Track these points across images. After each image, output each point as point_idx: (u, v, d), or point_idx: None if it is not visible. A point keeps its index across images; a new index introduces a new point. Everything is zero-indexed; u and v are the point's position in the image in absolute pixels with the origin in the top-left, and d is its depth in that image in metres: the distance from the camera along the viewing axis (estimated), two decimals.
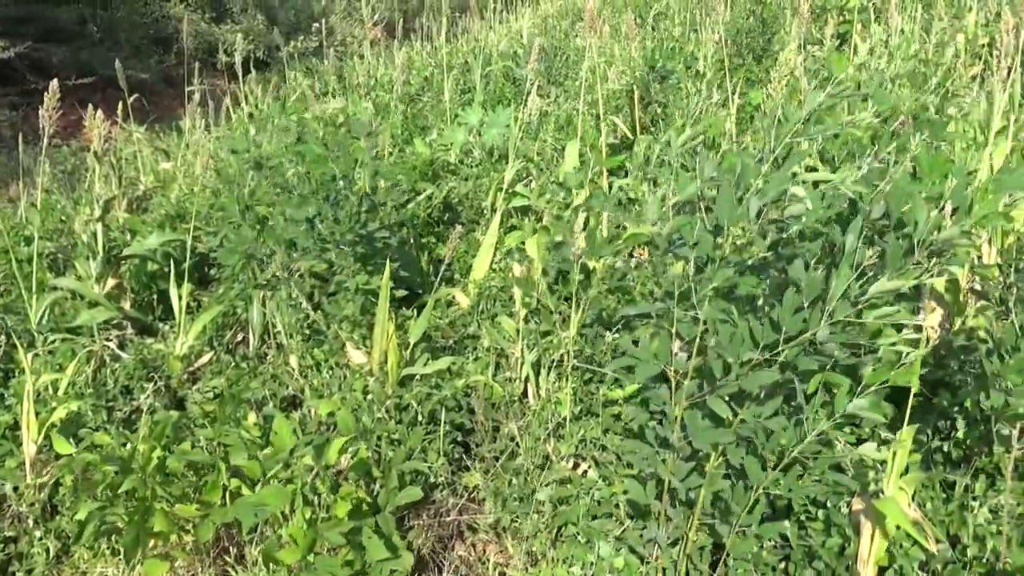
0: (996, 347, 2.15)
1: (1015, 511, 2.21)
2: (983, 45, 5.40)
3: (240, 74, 5.39)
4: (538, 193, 3.82)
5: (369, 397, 2.81)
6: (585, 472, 2.65)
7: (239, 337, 3.47)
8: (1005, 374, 2.08)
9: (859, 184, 1.91)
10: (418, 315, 3.12)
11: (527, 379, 2.91)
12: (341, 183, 3.24)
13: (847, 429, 2.45)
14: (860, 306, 1.73)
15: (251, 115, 5.14)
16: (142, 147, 5.06)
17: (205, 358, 3.22)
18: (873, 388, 1.75)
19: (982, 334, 2.49)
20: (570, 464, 2.69)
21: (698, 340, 1.89)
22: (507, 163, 4.05)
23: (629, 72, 5.49)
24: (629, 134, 4.79)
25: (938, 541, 2.19)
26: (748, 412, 1.92)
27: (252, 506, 2.19)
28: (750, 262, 1.85)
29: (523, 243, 3.44)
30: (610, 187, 3.97)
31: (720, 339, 1.84)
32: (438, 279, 3.23)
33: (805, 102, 1.98)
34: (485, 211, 4.10)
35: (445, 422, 2.77)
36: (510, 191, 3.91)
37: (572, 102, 5.50)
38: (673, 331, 1.92)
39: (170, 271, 3.37)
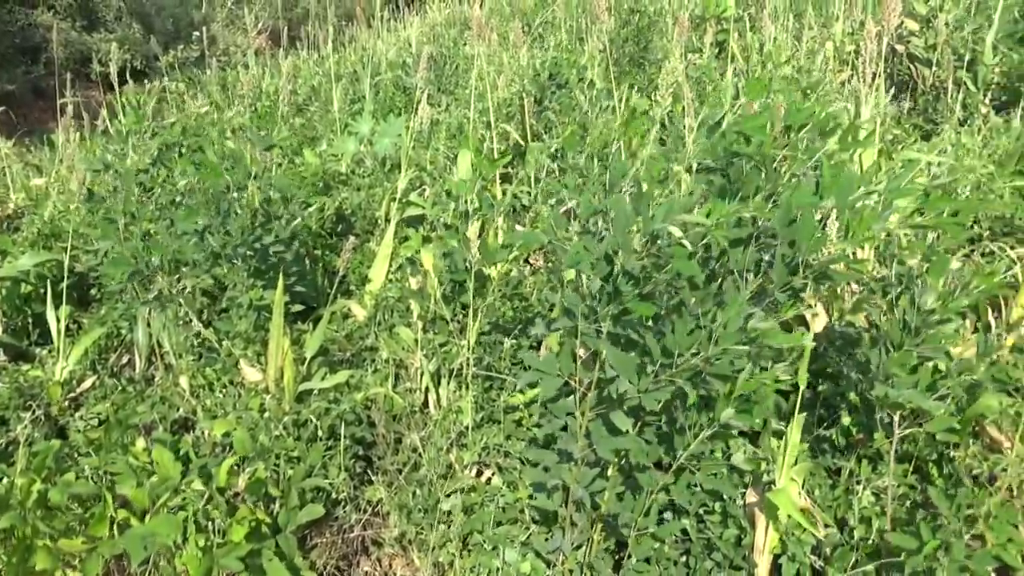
0: (878, 341, 2.27)
1: (897, 493, 2.34)
2: (850, 52, 5.70)
3: (116, 85, 5.17)
4: (432, 202, 3.80)
5: (266, 415, 2.73)
6: (489, 479, 2.65)
7: (124, 359, 3.32)
8: (889, 366, 2.19)
9: (757, 209, 1.97)
10: (314, 329, 3.06)
11: (427, 389, 2.89)
12: (235, 194, 3.15)
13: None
14: (745, 338, 1.80)
15: (122, 130, 4.93)
16: (11, 162, 4.79)
17: (88, 383, 3.07)
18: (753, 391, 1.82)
19: (863, 327, 2.62)
20: (474, 472, 2.69)
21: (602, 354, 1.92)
22: (400, 172, 4.02)
23: (519, 80, 5.54)
24: (521, 141, 4.83)
25: (827, 526, 2.30)
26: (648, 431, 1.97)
27: (141, 537, 2.09)
28: (645, 290, 1.89)
29: (418, 252, 3.43)
30: (503, 194, 3.99)
31: (613, 362, 1.88)
32: (333, 292, 3.17)
33: (710, 120, 2.04)
34: (379, 221, 4.05)
35: (345, 436, 2.72)
36: (404, 201, 3.88)
37: (463, 110, 5.51)
38: (577, 343, 1.95)
39: (46, 293, 3.20)
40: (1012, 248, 3.40)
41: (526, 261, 3.69)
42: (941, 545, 1.99)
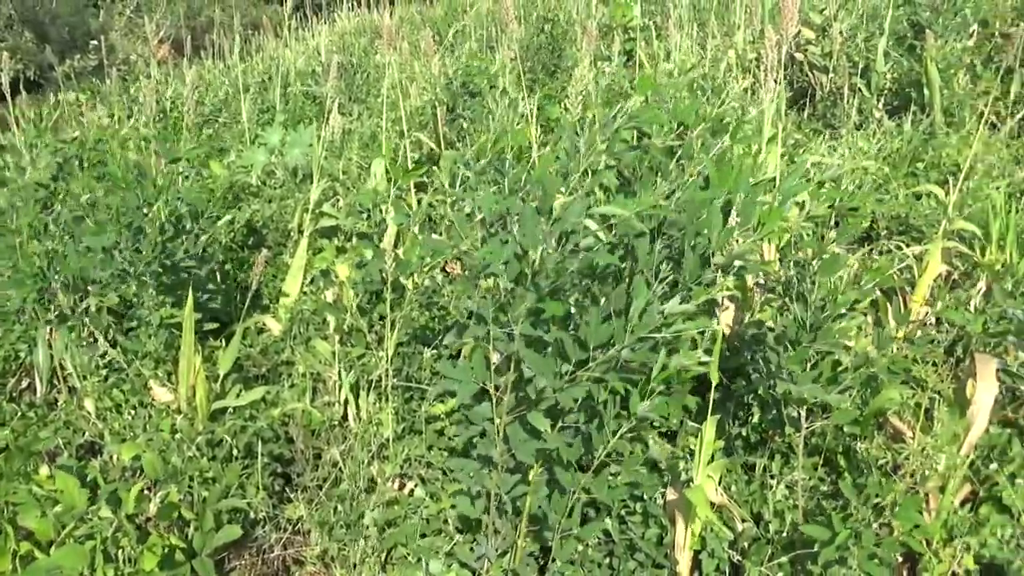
0: (780, 338, 2.34)
1: (808, 485, 2.42)
2: (751, 60, 5.89)
3: (8, 96, 4.93)
4: (346, 212, 3.76)
5: (178, 436, 2.65)
6: (412, 491, 2.63)
7: (24, 383, 3.17)
8: (788, 364, 2.27)
9: (659, 208, 2.02)
10: (227, 345, 2.98)
11: (346, 402, 2.85)
12: (144, 209, 3.04)
13: (656, 423, 2.59)
14: (659, 323, 1.83)
15: (17, 144, 4.71)
16: None
17: None
18: (668, 386, 1.86)
19: (769, 325, 2.71)
20: (396, 484, 2.66)
21: (515, 356, 1.93)
22: (312, 183, 3.96)
23: (431, 89, 5.54)
24: (435, 149, 4.82)
25: (743, 520, 2.36)
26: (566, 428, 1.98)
27: (46, 570, 2.00)
28: (554, 285, 1.91)
29: (333, 264, 3.38)
30: (419, 203, 3.98)
31: (529, 363, 1.89)
32: (246, 306, 3.10)
33: (607, 119, 2.07)
34: (292, 233, 3.98)
35: (263, 454, 2.66)
36: (317, 212, 3.83)
37: (375, 119, 5.47)
38: (491, 348, 1.95)
39: None
40: (907, 246, 3.56)
41: (443, 270, 3.68)
42: (852, 534, 2.06)
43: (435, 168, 4.52)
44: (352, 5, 10.76)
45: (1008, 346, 2.73)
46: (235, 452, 2.66)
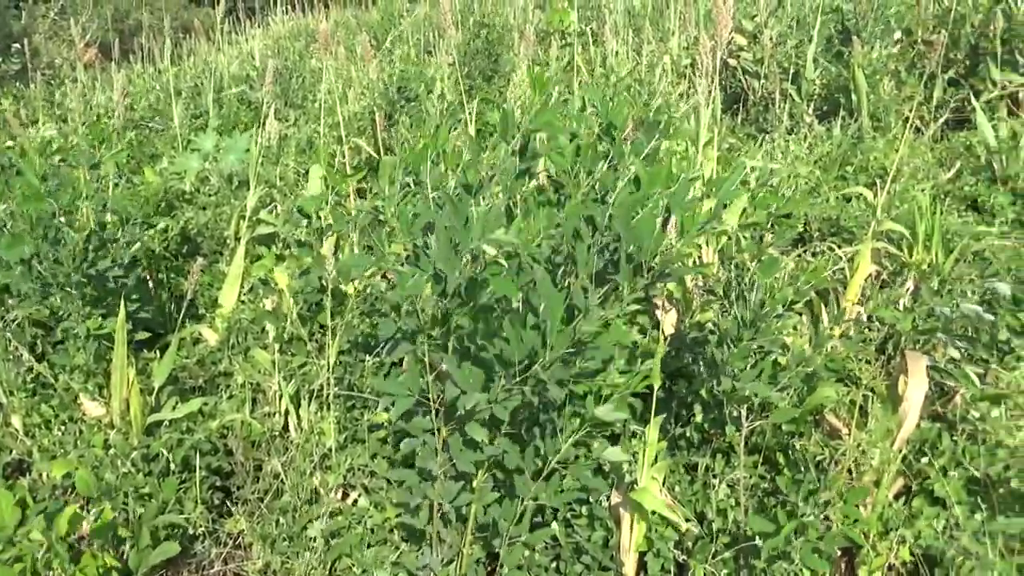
0: (723, 338, 2.38)
1: (749, 483, 2.46)
2: (686, 65, 5.99)
3: None
4: (283, 219, 3.70)
5: (111, 451, 2.57)
6: (356, 501, 2.59)
7: None
8: (731, 362, 2.31)
9: (591, 208, 2.02)
10: (161, 357, 2.90)
11: (287, 412, 2.81)
12: (62, 219, 2.94)
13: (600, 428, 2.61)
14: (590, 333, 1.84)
15: None
16: None
17: None
18: (617, 394, 1.87)
19: (710, 326, 2.75)
20: (339, 495, 2.62)
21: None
22: (248, 190, 3.89)
23: (369, 94, 5.49)
24: (374, 155, 4.78)
25: (688, 520, 2.39)
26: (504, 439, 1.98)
27: None
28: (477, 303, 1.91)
29: (271, 272, 3.32)
30: (358, 209, 3.94)
31: (457, 380, 1.89)
32: (182, 316, 3.02)
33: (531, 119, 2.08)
34: (228, 241, 3.90)
35: (201, 468, 2.60)
36: (254, 219, 3.76)
37: (313, 125, 5.40)
38: (426, 361, 1.94)
39: None
40: (839, 247, 3.66)
41: (384, 276, 3.65)
42: (797, 527, 2.10)
43: (374, 174, 4.48)
44: (286, 9, 10.63)
45: (936, 343, 2.82)
46: (172, 466, 2.59)
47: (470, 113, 4.62)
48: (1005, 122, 4.76)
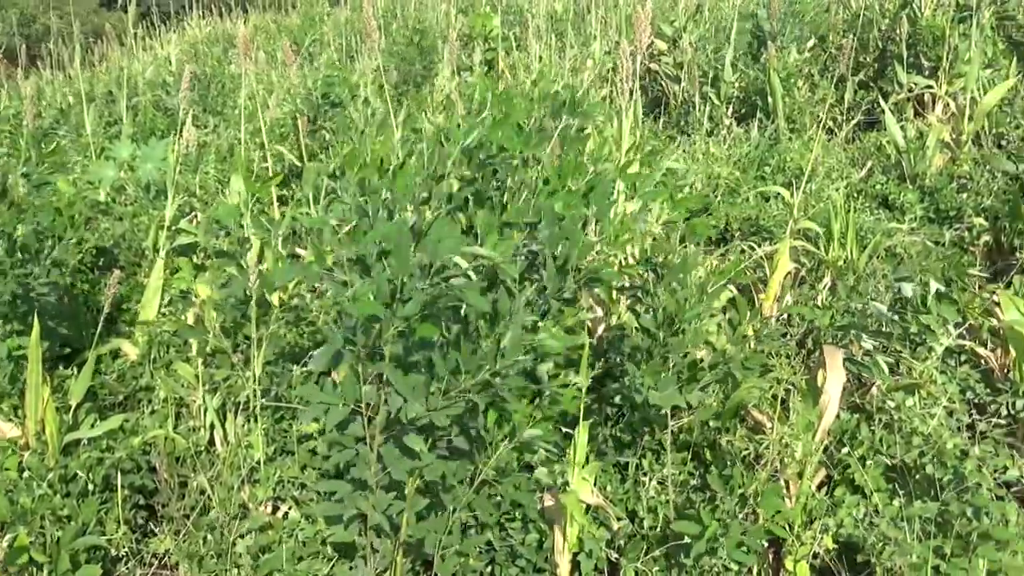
0: (637, 348, 2.42)
1: (678, 480, 2.50)
2: (608, 70, 6.08)
3: None
4: (204, 229, 3.61)
5: (26, 474, 2.47)
6: (286, 514, 2.55)
7: None
8: (645, 375, 2.35)
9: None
10: (79, 373, 2.80)
11: (212, 426, 2.74)
12: None
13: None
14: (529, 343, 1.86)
15: None
16: None
17: None
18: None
19: (633, 326, 2.79)
20: (269, 508, 2.57)
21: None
22: (167, 199, 3.79)
23: (291, 100, 5.41)
24: (297, 162, 4.71)
25: (619, 519, 2.42)
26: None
27: None
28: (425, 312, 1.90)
29: (193, 283, 3.25)
30: (282, 216, 3.87)
31: (399, 388, 1.88)
32: (99, 331, 2.93)
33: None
34: (146, 252, 3.79)
35: (123, 486, 2.52)
36: (173, 229, 3.66)
37: (233, 131, 5.29)
38: (360, 370, 1.92)
39: None
40: (759, 246, 3.76)
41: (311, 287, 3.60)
42: (720, 527, 2.15)
43: (298, 181, 4.42)
44: (203, 13, 10.40)
45: (852, 337, 2.92)
46: (92, 486, 2.51)
47: (397, 120, 4.60)
48: (912, 123, 4.96)
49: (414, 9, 8.45)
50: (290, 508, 2.55)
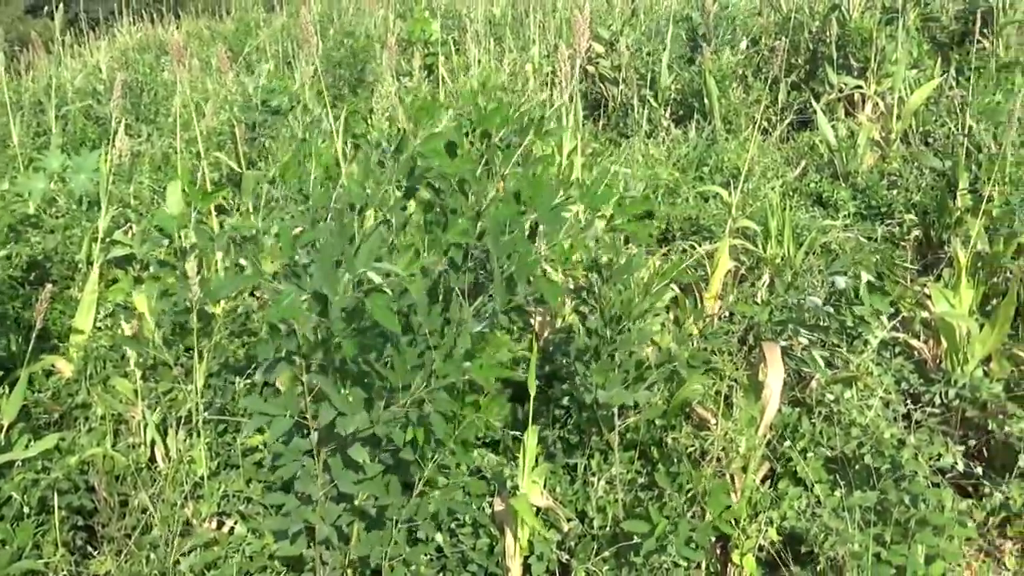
0: (584, 349, 2.44)
1: (626, 479, 2.53)
2: (548, 73, 6.11)
3: None
4: (140, 240, 3.53)
5: None
6: (232, 529, 2.50)
7: None
8: (593, 376, 2.36)
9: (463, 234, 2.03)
10: (10, 392, 2.71)
11: (153, 442, 2.68)
12: None
13: (480, 433, 2.62)
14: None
15: None
16: None
17: None
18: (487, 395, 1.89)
19: (578, 328, 2.81)
20: (214, 524, 2.52)
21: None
22: (100, 210, 3.69)
23: (228, 107, 5.32)
24: (236, 169, 4.64)
25: (569, 520, 2.43)
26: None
27: None
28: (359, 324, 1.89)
29: (130, 295, 3.17)
30: (221, 226, 3.80)
31: (335, 403, 1.87)
32: (31, 348, 2.83)
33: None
34: (80, 265, 3.68)
35: (60, 507, 2.44)
36: (107, 241, 3.57)
37: (168, 140, 5.18)
38: (304, 382, 1.90)
39: None
40: (700, 245, 3.82)
41: (251, 294, 3.54)
42: (669, 524, 2.18)
43: (237, 189, 4.35)
44: (133, 19, 10.16)
45: (791, 332, 2.98)
46: (27, 509, 2.43)
47: (336, 126, 4.55)
48: (843, 122, 5.10)
49: (351, 14, 8.39)
50: (236, 523, 2.50)
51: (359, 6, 8.80)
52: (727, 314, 3.34)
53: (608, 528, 2.40)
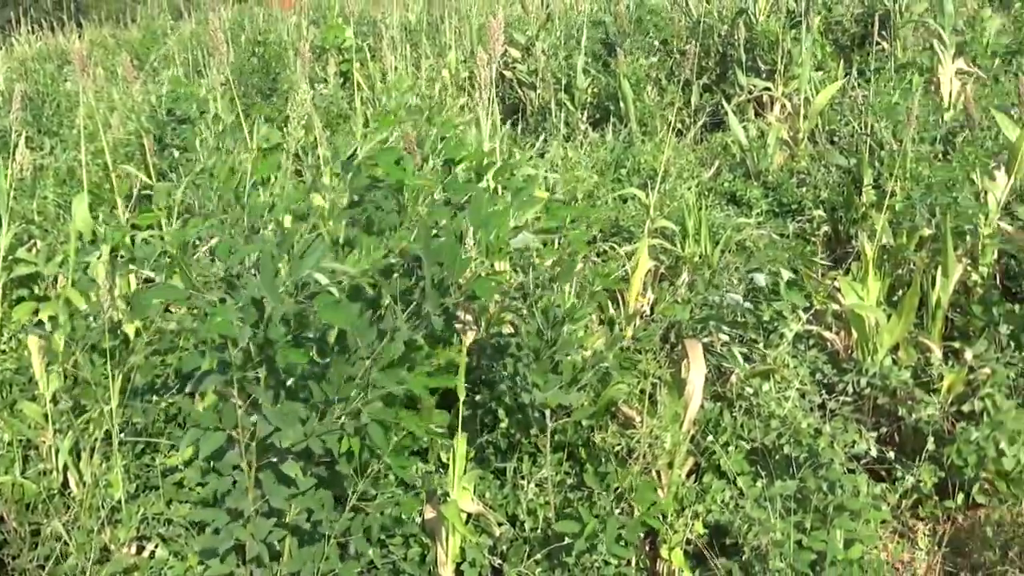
0: (521, 348, 2.45)
1: (556, 480, 2.54)
2: (465, 79, 6.12)
3: None
4: (46, 257, 3.39)
5: None
6: (152, 553, 2.42)
7: None
8: (532, 377, 2.38)
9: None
10: None
11: (66, 467, 2.57)
12: None
13: (408, 441, 2.60)
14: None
15: None
16: None
17: None
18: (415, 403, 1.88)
19: (509, 333, 2.81)
20: (133, 549, 2.44)
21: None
22: (1, 227, 3.53)
23: (136, 117, 5.15)
24: (148, 180, 4.49)
25: (500, 525, 2.43)
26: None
27: None
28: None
29: (36, 315, 3.04)
30: (132, 240, 3.68)
31: (270, 416, 1.83)
32: None
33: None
34: None
35: None
36: (10, 259, 3.41)
37: (72, 152, 4.99)
38: (235, 394, 1.86)
39: None
40: (620, 246, 3.87)
41: (167, 310, 3.44)
42: (599, 523, 2.20)
43: (149, 202, 4.21)
44: (32, 28, 9.77)
45: (712, 329, 3.05)
46: None
47: (250, 134, 4.46)
48: (753, 123, 5.24)
49: (263, 21, 8.24)
50: (157, 546, 2.43)
51: (271, 13, 8.65)
52: (648, 313, 3.40)
53: (539, 530, 2.41)
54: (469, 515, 2.37)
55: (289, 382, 1.90)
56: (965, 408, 2.79)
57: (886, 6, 5.82)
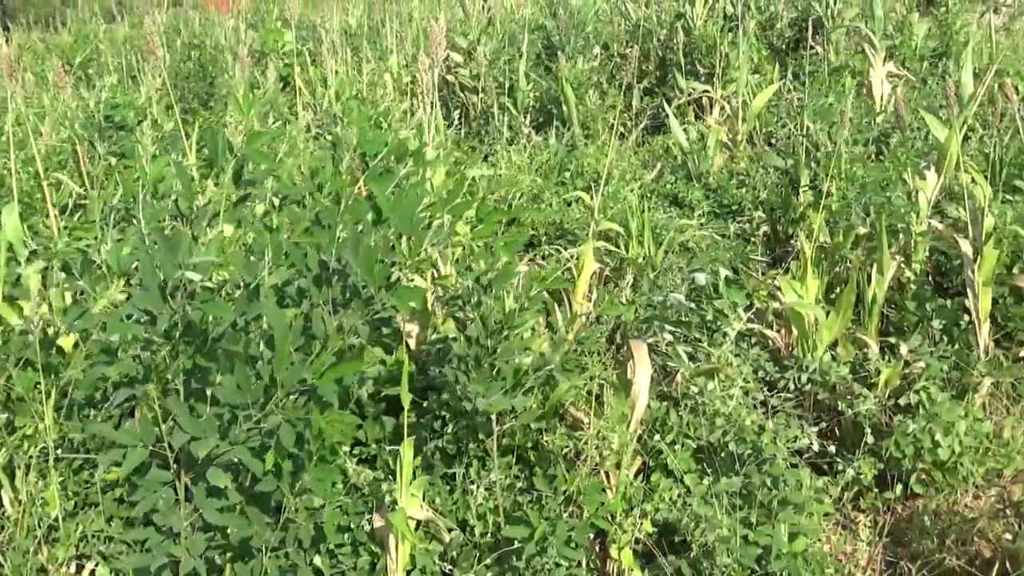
0: (463, 358, 2.44)
1: (505, 484, 2.54)
2: (407, 83, 6.09)
3: None
4: None
5: None
6: (93, 572, 2.36)
7: None
8: (473, 385, 2.37)
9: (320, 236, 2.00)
10: None
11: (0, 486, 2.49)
12: None
13: (357, 450, 2.58)
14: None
15: None
16: None
17: None
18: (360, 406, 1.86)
19: (452, 338, 2.81)
20: (72, 568, 2.37)
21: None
22: None
23: (68, 124, 5.02)
24: (80, 191, 4.37)
25: (450, 530, 2.42)
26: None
27: None
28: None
29: None
30: (71, 250, 3.58)
31: (185, 426, 1.80)
32: None
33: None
34: None
35: None
36: None
37: (1, 160, 4.83)
38: (158, 408, 1.82)
39: None
40: (565, 249, 3.90)
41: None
42: (548, 526, 2.21)
43: (83, 210, 4.11)
44: None
45: (656, 329, 3.09)
46: None
47: (188, 141, 4.38)
48: (694, 125, 5.32)
49: (199, 24, 8.09)
50: (97, 564, 2.36)
51: (207, 16, 8.50)
52: (594, 314, 3.42)
53: (489, 535, 2.41)
54: (419, 522, 2.35)
55: (209, 392, 1.87)
56: (902, 401, 2.87)
57: (819, 11, 5.96)
